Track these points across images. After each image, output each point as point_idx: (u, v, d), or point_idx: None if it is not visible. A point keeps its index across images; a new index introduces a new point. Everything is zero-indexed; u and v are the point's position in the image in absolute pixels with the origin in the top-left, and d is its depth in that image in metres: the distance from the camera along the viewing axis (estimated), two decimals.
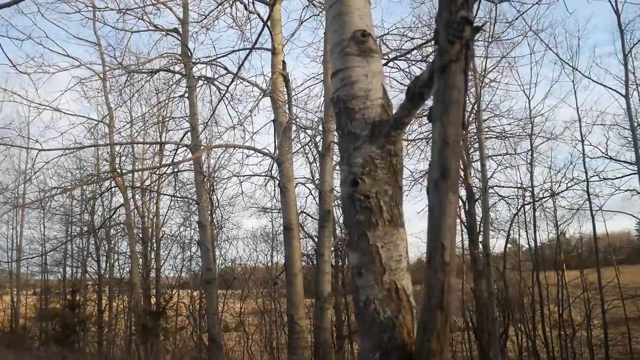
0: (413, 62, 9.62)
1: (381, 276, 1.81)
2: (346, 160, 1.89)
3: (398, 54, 9.59)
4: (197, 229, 12.94)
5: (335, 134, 3.12)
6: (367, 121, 1.88)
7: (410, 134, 14.55)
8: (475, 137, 13.00)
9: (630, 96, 12.22)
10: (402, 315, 1.80)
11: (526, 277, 16.20)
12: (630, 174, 13.34)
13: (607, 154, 15.08)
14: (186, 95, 12.18)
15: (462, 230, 15.26)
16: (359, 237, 1.84)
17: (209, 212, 14.67)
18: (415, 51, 10.11)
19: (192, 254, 17.07)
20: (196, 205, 12.62)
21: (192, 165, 12.16)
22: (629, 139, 13.49)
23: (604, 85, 16.89)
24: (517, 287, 16.36)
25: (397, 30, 10.21)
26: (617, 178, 15.20)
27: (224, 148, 10.86)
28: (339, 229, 14.83)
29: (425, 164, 19.41)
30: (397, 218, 1.85)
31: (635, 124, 12.81)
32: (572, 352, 15.79)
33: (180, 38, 12.17)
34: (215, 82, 10.97)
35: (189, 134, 11.89)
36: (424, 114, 14.94)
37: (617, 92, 12.86)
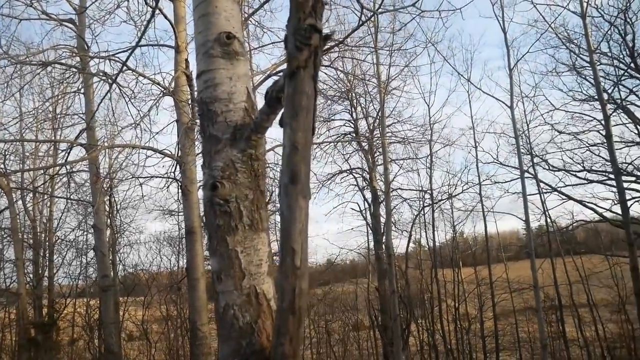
0: None
1: (241, 281, 1.79)
2: (207, 164, 1.85)
3: None
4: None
5: None
6: (229, 124, 1.86)
7: (318, 137, 14.82)
8: (379, 142, 13.47)
9: (514, 107, 13.37)
10: (262, 320, 1.79)
11: (426, 275, 17.10)
12: (517, 178, 14.54)
13: (497, 160, 16.39)
14: (82, 91, 11.40)
15: (367, 232, 15.77)
16: (219, 241, 1.81)
17: (108, 215, 13.84)
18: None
19: (88, 260, 16.00)
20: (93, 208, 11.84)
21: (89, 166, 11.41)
22: (516, 146, 14.70)
23: (493, 97, 18.32)
24: (418, 285, 17.20)
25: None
26: (506, 182, 16.60)
27: (122, 148, 10.29)
28: None
29: (333, 167, 19.74)
30: (258, 222, 1.84)
31: (519, 133, 14.05)
32: (468, 344, 16.90)
33: (76, 30, 11.35)
34: (114, 79, 10.38)
35: (85, 132, 11.13)
36: (332, 117, 15.30)
37: (504, 103, 14.02)
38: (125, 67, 9.34)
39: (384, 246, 13.72)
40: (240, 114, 1.88)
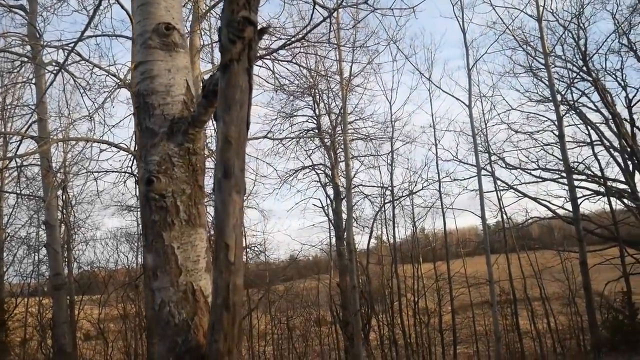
0: (279, 61, 9.68)
1: (177, 278, 1.75)
2: (143, 158, 1.80)
3: (265, 52, 9.58)
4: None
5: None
6: (166, 118, 1.82)
7: (281, 133, 14.76)
8: (341, 138, 13.53)
9: (472, 106, 13.70)
10: (199, 317, 1.76)
11: (387, 270, 17.31)
12: (475, 176, 14.90)
13: (456, 157, 16.76)
14: (33, 81, 10.95)
15: (329, 228, 15.84)
16: (155, 237, 1.77)
17: (61, 211, 13.37)
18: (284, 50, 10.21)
19: (41, 257, 15.42)
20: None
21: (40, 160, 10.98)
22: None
23: (452, 96, 18.72)
24: (379, 280, 17.41)
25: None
26: (464, 179, 16.99)
27: (76, 141, 9.96)
28: None
29: (296, 163, 19.74)
30: (196, 218, 1.81)
31: (477, 132, 14.41)
32: (427, 337, 17.23)
33: (26, 17, 10.88)
34: (69, 69, 10.02)
35: (35, 124, 10.72)
36: (294, 113, 15.25)
37: (462, 102, 14.34)
38: (76, 55, 9.05)
39: (345, 242, 13.82)
40: (178, 107, 1.84)
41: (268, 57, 9.66)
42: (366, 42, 12.33)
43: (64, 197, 13.87)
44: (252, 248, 16.17)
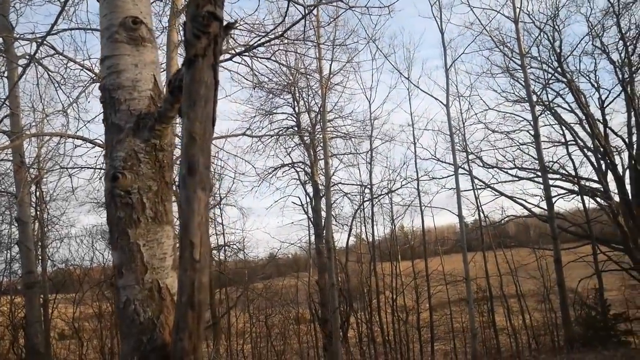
0: (258, 58, 9.61)
1: (143, 275, 1.73)
2: (109, 154, 1.77)
3: (243, 49, 9.51)
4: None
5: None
6: (132, 113, 1.79)
7: (260, 131, 14.69)
8: (320, 136, 13.54)
9: (450, 106, 13.86)
10: (165, 315, 1.74)
11: (366, 268, 17.41)
12: (453, 174, 15.07)
13: (435, 156, 16.94)
14: (5, 74, 10.67)
15: (308, 226, 15.84)
16: (120, 234, 1.74)
17: (34, 207, 13.09)
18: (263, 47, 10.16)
19: (13, 255, 15.07)
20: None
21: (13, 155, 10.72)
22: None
23: (431, 95, 18.87)
24: (358, 278, 17.49)
25: (246, 25, 10.16)
26: (443, 178, 17.17)
27: (49, 136, 9.75)
28: None
29: (275, 160, 19.63)
30: (162, 215, 1.78)
31: (455, 131, 14.58)
32: (405, 335, 17.38)
33: None
34: (42, 63, 9.79)
35: (7, 118, 10.45)
36: (274, 111, 15.20)
37: (440, 102, 14.49)
38: (50, 48, 8.86)
39: (324, 240, 13.85)
40: (145, 102, 1.81)
41: (247, 54, 9.61)
42: (345, 40, 12.35)
43: (37, 193, 13.57)
44: (231, 246, 16.08)
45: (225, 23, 1.50)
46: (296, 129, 14.64)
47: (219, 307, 16.07)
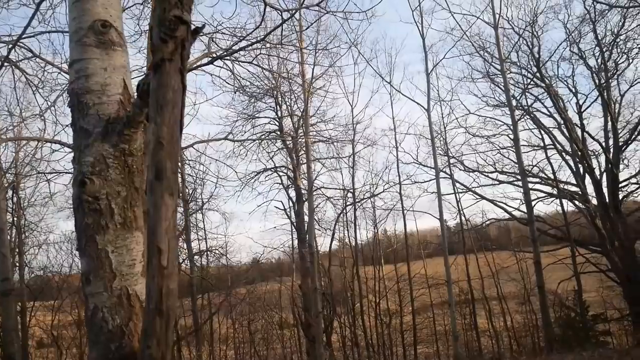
0: (239, 62, 9.58)
1: (111, 282, 1.70)
2: (77, 159, 1.75)
3: (224, 53, 9.47)
4: None
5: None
6: (101, 117, 1.76)
7: (243, 135, 14.64)
8: (303, 140, 13.55)
9: (431, 110, 13.99)
10: (134, 323, 1.72)
11: (349, 272, 17.44)
12: (435, 178, 15.19)
13: (417, 160, 17.07)
14: None
15: (291, 230, 15.81)
16: (88, 241, 1.71)
17: (11, 213, 12.84)
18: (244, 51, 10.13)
19: None
20: None
21: None
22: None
23: (412, 100, 19.03)
24: (341, 282, 17.51)
25: (227, 29, 10.12)
26: (425, 182, 17.32)
27: (27, 141, 9.58)
28: None
29: (258, 165, 19.56)
30: (131, 221, 1.76)
31: (436, 135, 14.72)
32: (389, 338, 17.44)
33: None
34: (20, 66, 9.62)
35: None
36: (256, 115, 15.16)
37: (422, 106, 14.62)
38: (27, 51, 8.71)
39: (307, 244, 13.82)
40: (114, 107, 1.79)
41: (228, 57, 9.57)
42: (328, 45, 12.40)
43: (14, 199, 13.31)
44: (213, 251, 15.96)
45: (193, 27, 1.49)
46: (279, 133, 14.62)
47: (202, 312, 15.93)
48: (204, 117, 40.73)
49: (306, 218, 14.29)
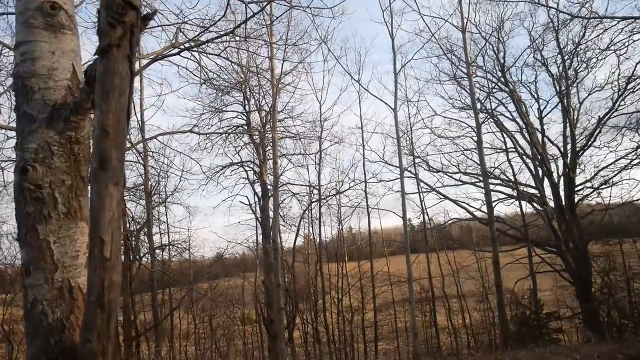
0: (207, 54, 9.43)
1: (52, 274, 1.65)
2: (19, 145, 1.68)
3: (192, 44, 9.30)
4: None
5: None
6: (47, 103, 1.70)
7: (209, 128, 14.44)
8: (270, 135, 13.46)
9: (398, 110, 14.14)
10: (75, 316, 1.66)
11: (313, 269, 17.48)
12: (399, 177, 15.37)
13: (383, 159, 17.24)
14: None
15: (256, 226, 15.72)
16: (29, 230, 1.65)
17: None
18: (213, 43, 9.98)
19: None
20: None
21: None
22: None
23: (380, 99, 19.22)
24: (305, 278, 17.54)
25: (196, 20, 9.94)
26: (390, 180, 17.51)
27: None
28: None
29: (224, 158, 19.29)
30: (76, 211, 1.70)
31: (402, 134, 14.90)
32: (350, 335, 17.58)
33: None
34: None
35: None
36: (223, 108, 14.96)
37: (389, 106, 14.77)
38: None
39: (271, 240, 13.75)
40: (61, 92, 1.73)
41: (195, 49, 9.41)
42: (297, 41, 12.32)
43: None
44: (176, 245, 15.68)
45: (144, 14, 1.45)
46: (246, 127, 14.48)
47: (162, 308, 15.65)
48: (169, 109, 39.99)
49: (271, 214, 14.22)
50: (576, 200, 15.34)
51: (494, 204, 15.07)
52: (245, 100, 14.64)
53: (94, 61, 1.62)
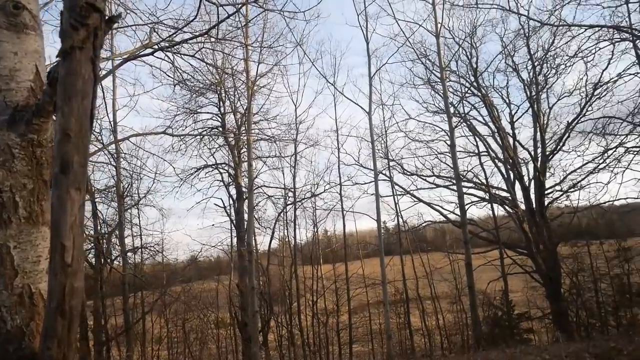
0: (181, 55, 9.34)
1: (12, 280, 1.61)
2: None
3: (166, 45, 9.19)
4: None
5: None
6: (8, 105, 1.66)
7: (184, 130, 14.27)
8: (245, 138, 13.39)
9: (372, 113, 14.27)
10: (36, 323, 1.63)
11: (288, 272, 17.45)
12: (374, 180, 15.48)
13: (358, 162, 17.35)
14: None
15: (230, 228, 15.62)
16: None
17: None
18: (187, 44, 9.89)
19: None
20: None
21: None
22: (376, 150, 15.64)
23: (354, 102, 19.30)
24: (280, 281, 17.49)
25: (170, 21, 9.84)
26: (365, 183, 17.61)
27: None
28: None
29: (199, 160, 19.10)
30: (38, 215, 1.67)
31: (377, 138, 15.02)
32: (325, 337, 17.59)
33: None
34: None
35: None
36: (198, 110, 14.81)
37: (364, 109, 14.88)
38: None
39: (245, 243, 13.68)
40: (24, 94, 1.69)
41: (169, 49, 9.30)
42: (273, 43, 12.31)
43: None
44: (149, 248, 15.46)
45: (108, 16, 1.43)
46: (221, 129, 14.37)
47: (134, 312, 15.39)
48: (143, 110, 39.35)
49: (246, 216, 14.14)
50: (546, 203, 15.71)
51: (466, 206, 15.33)
52: (220, 102, 14.55)
53: (58, 63, 1.59)
